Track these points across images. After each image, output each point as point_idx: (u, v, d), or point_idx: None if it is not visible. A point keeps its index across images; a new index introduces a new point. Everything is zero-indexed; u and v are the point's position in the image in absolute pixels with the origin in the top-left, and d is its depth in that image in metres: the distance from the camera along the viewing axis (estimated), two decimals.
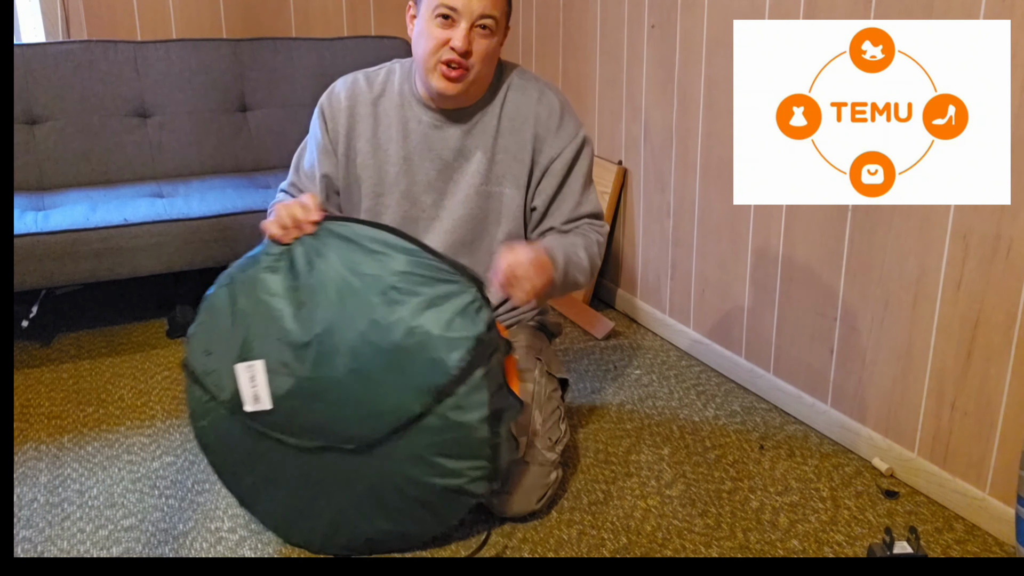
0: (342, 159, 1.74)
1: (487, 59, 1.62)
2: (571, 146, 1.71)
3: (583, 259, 1.67)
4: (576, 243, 1.68)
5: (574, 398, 2.16)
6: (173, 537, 1.62)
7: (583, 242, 1.69)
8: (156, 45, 2.76)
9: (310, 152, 1.78)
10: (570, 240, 1.69)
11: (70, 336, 2.54)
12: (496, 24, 1.61)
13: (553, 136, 1.71)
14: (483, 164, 1.71)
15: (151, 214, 2.33)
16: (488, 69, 1.65)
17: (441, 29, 1.58)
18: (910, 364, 1.77)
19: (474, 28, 1.58)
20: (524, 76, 1.75)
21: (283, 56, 2.91)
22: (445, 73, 1.60)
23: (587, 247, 1.69)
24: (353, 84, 1.75)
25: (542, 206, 1.74)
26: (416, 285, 1.44)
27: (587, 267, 1.68)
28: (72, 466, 1.86)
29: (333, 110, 1.74)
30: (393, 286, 1.44)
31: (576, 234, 1.72)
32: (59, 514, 1.69)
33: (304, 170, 1.78)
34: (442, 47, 1.58)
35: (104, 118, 2.69)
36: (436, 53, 1.59)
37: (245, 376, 1.48)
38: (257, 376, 1.47)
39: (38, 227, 2.20)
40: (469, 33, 1.58)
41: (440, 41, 1.58)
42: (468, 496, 1.49)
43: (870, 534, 1.64)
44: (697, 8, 2.22)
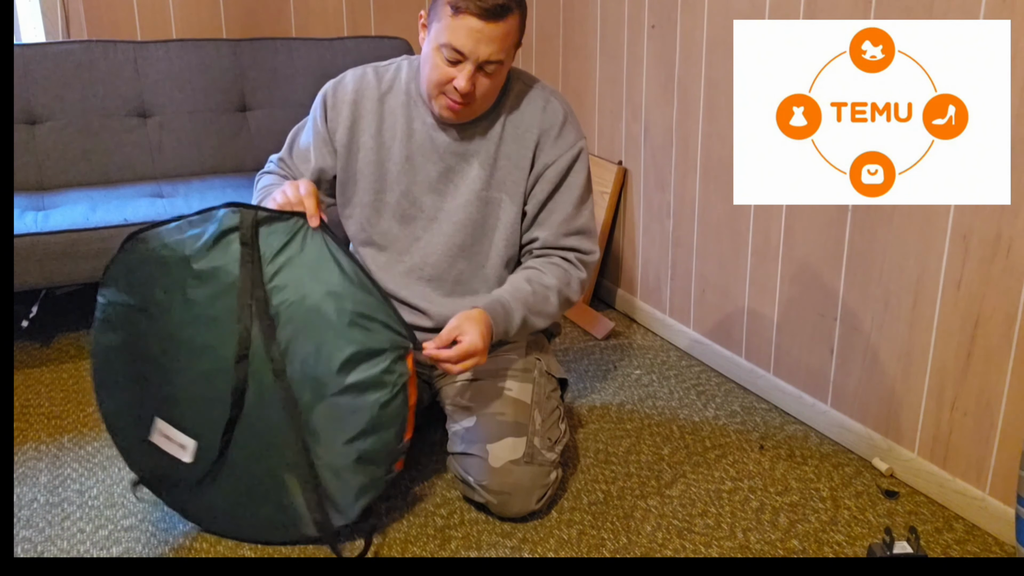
0: (342, 151, 1.74)
1: (491, 92, 1.62)
2: (567, 155, 1.70)
3: (552, 305, 1.68)
4: (550, 286, 1.68)
5: (574, 398, 2.16)
6: (173, 537, 1.62)
7: (559, 283, 1.69)
8: (156, 45, 2.76)
9: (307, 135, 1.78)
10: (545, 282, 1.68)
11: (70, 336, 2.54)
12: (503, 64, 1.59)
13: (552, 144, 1.70)
14: (485, 169, 1.71)
15: (151, 214, 2.33)
16: (493, 96, 1.65)
17: (446, 65, 1.56)
18: (910, 364, 1.77)
19: (479, 71, 1.57)
20: (531, 83, 1.74)
21: (283, 56, 2.90)
22: (447, 104, 1.60)
23: (561, 290, 1.69)
24: (362, 77, 1.75)
25: (532, 211, 1.73)
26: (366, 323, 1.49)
27: (555, 311, 1.70)
28: (72, 466, 1.86)
29: (337, 100, 1.74)
30: (359, 313, 1.49)
31: (558, 269, 1.71)
32: (59, 514, 1.69)
33: (298, 150, 1.79)
34: (446, 83, 1.58)
35: (104, 118, 2.69)
36: (440, 86, 1.59)
37: (162, 441, 1.56)
38: (168, 432, 1.55)
39: (38, 227, 2.20)
40: (473, 76, 1.56)
41: (445, 78, 1.57)
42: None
43: (870, 534, 1.64)
44: (697, 8, 2.22)
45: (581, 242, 1.73)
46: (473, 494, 1.65)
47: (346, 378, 1.48)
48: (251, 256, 1.49)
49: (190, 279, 1.50)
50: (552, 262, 1.72)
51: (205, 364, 1.51)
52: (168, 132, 2.77)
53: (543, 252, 1.73)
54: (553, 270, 1.70)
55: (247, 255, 1.49)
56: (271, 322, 1.49)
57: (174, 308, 1.52)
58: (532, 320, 1.67)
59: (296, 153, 1.79)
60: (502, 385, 1.71)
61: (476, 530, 1.63)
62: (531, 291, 1.66)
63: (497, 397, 1.69)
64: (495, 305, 1.61)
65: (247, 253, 1.49)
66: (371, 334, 1.48)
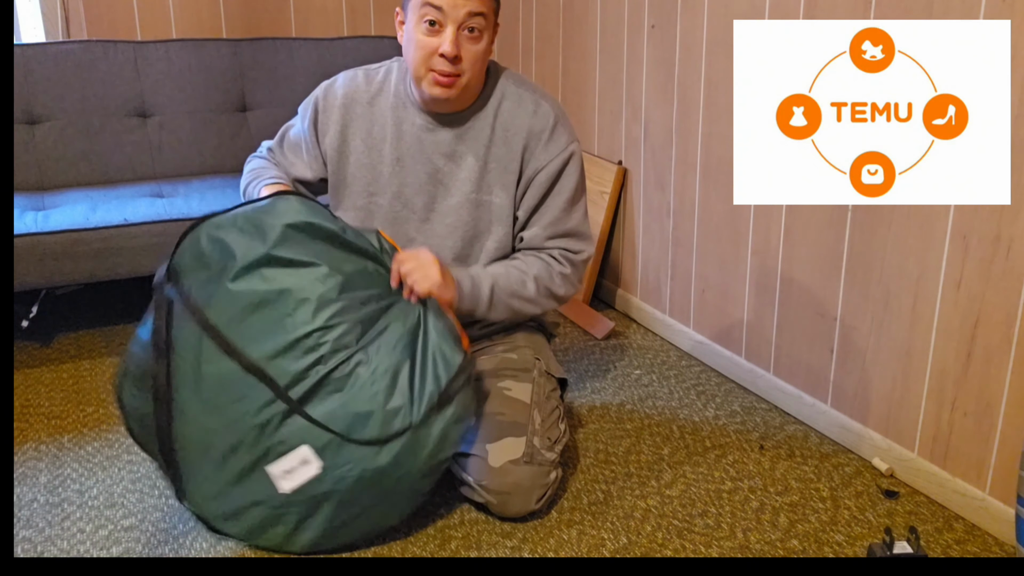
0: (333, 155, 1.75)
1: (478, 62, 1.62)
2: (557, 159, 1.70)
3: (529, 291, 1.68)
4: (527, 272, 1.69)
5: (574, 398, 2.16)
6: (173, 537, 1.62)
7: (537, 272, 1.70)
8: (156, 45, 2.76)
9: (295, 134, 1.82)
10: (522, 268, 1.70)
11: (70, 336, 2.54)
12: (485, 22, 1.59)
13: (542, 148, 1.70)
14: (475, 171, 1.71)
15: (151, 214, 2.33)
16: (479, 72, 1.65)
17: (428, 36, 1.58)
18: (910, 364, 1.77)
19: (461, 31, 1.57)
20: (521, 84, 1.74)
21: (283, 56, 2.90)
22: (437, 80, 1.61)
23: (540, 277, 1.70)
24: (352, 80, 1.76)
25: (523, 216, 1.73)
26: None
27: (532, 296, 1.69)
28: (72, 466, 1.86)
29: (328, 105, 1.75)
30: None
31: (539, 262, 1.72)
32: (59, 514, 1.69)
33: (289, 142, 1.83)
34: (432, 55, 1.58)
35: (104, 118, 2.69)
36: (426, 61, 1.60)
37: (289, 478, 1.51)
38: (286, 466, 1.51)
39: (38, 227, 2.20)
40: (457, 38, 1.57)
41: (429, 49, 1.58)
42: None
43: (870, 534, 1.64)
44: (697, 8, 2.22)
45: (569, 243, 1.74)
46: (473, 494, 1.65)
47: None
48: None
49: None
50: (535, 256, 1.73)
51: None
52: (168, 132, 2.77)
53: (528, 250, 1.75)
54: (534, 261, 1.72)
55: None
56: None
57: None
58: (506, 300, 1.67)
59: (286, 145, 1.84)
60: (502, 385, 1.71)
61: (476, 530, 1.63)
62: (504, 272, 1.68)
63: (497, 397, 1.69)
64: (460, 272, 1.64)
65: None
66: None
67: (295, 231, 1.53)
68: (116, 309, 2.73)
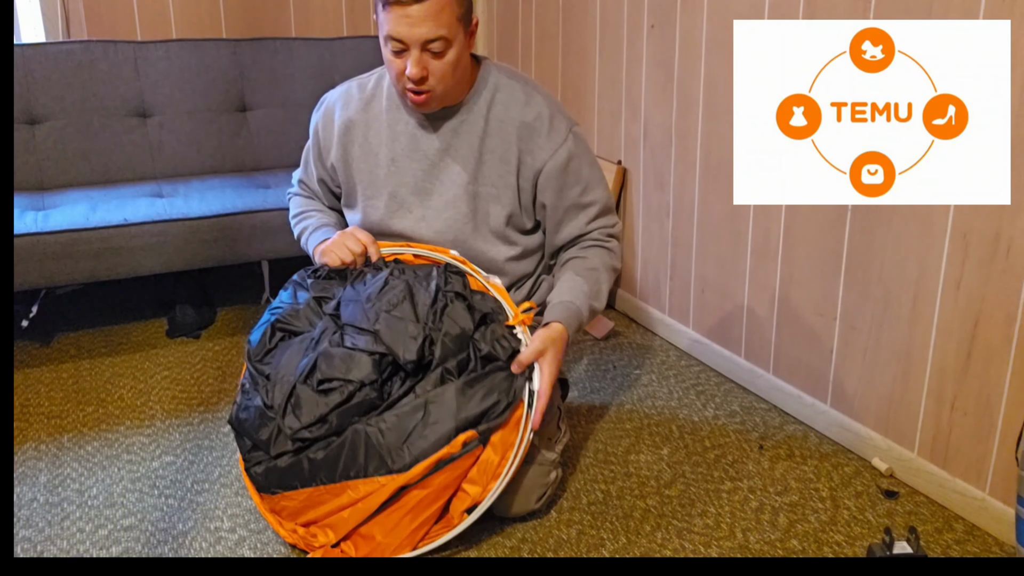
0: (341, 166, 1.80)
1: (447, 75, 1.61)
2: (563, 149, 1.71)
3: (604, 283, 1.75)
4: (596, 267, 1.74)
5: (574, 398, 2.16)
6: (173, 537, 1.62)
7: (600, 262, 1.75)
8: (156, 45, 2.76)
9: (310, 158, 1.89)
10: (589, 266, 1.74)
11: (70, 336, 2.54)
12: (447, 41, 1.58)
13: (545, 139, 1.70)
14: (470, 164, 1.71)
15: (151, 214, 2.33)
16: (456, 77, 1.64)
17: (395, 57, 1.60)
18: (910, 364, 1.77)
19: (424, 52, 1.58)
20: (512, 76, 1.75)
21: (283, 56, 2.90)
22: (411, 98, 1.63)
23: (606, 264, 1.76)
24: (346, 92, 1.81)
25: (552, 212, 1.75)
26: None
27: (607, 287, 1.76)
28: (72, 466, 1.86)
29: (326, 122, 1.81)
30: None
31: (594, 249, 1.76)
32: (59, 514, 1.69)
33: (309, 168, 1.91)
34: (401, 75, 1.60)
35: (104, 118, 2.69)
36: (399, 80, 1.62)
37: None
38: None
39: (38, 227, 2.20)
40: (420, 59, 1.57)
41: (398, 70, 1.60)
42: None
43: (870, 534, 1.64)
44: (697, 8, 2.22)
45: (605, 220, 1.79)
46: None
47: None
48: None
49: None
50: (586, 246, 1.77)
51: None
52: (168, 132, 2.77)
53: (574, 242, 1.78)
54: (591, 251, 1.76)
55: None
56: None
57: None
58: (594, 306, 1.72)
59: (309, 173, 1.91)
60: None
61: (476, 530, 1.63)
62: (583, 281, 1.72)
63: None
64: (562, 314, 1.66)
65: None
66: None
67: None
68: (116, 309, 2.73)
